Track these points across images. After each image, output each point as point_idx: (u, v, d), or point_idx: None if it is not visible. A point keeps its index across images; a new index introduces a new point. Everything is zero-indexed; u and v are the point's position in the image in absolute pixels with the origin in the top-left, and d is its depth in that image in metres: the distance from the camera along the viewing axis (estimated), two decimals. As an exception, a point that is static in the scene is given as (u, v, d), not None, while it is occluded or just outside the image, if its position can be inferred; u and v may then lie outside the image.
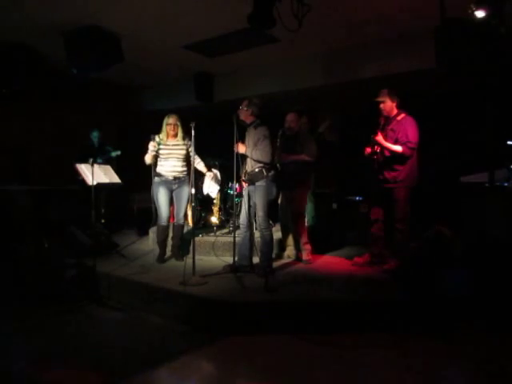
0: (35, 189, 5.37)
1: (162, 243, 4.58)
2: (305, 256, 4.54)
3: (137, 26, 4.69)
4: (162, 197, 4.39)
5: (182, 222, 4.54)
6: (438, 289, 3.44)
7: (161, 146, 4.36)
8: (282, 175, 4.49)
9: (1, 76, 5.09)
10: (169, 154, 4.38)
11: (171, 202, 4.51)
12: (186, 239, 4.86)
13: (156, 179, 4.42)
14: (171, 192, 4.46)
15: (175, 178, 4.41)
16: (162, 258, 4.55)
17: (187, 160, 4.47)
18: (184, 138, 4.44)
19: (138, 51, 5.39)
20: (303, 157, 4.53)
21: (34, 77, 5.30)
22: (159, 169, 4.41)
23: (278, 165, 4.48)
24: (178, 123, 4.41)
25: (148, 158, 4.36)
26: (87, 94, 6.68)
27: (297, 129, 4.64)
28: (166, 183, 4.40)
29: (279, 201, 4.80)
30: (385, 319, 3.25)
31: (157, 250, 4.65)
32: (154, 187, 4.43)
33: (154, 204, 4.47)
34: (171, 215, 4.71)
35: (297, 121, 4.65)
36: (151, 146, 4.30)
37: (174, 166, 4.40)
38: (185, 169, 4.48)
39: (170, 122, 4.38)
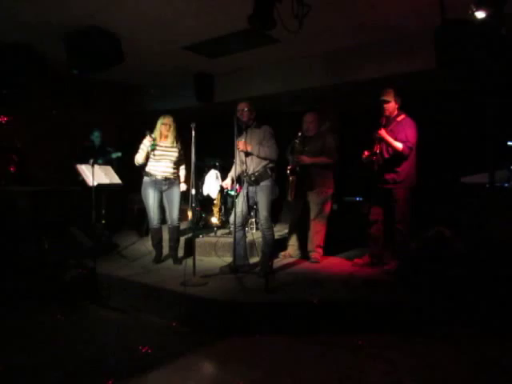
0: (35, 189, 5.36)
1: (157, 245, 4.56)
2: (314, 255, 4.51)
3: (137, 26, 4.69)
4: (150, 199, 4.35)
5: (176, 223, 4.45)
6: (438, 289, 3.44)
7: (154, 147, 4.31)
8: (301, 177, 4.39)
9: (1, 76, 5.09)
10: (162, 156, 4.32)
11: (162, 203, 4.44)
12: (186, 240, 4.86)
13: (145, 179, 4.36)
14: (161, 193, 4.39)
15: (166, 179, 4.35)
16: (158, 259, 4.54)
17: (178, 163, 4.45)
18: (177, 141, 4.39)
19: (138, 52, 5.39)
20: (323, 159, 4.40)
21: (34, 77, 5.29)
22: (149, 168, 4.34)
23: (297, 168, 4.37)
24: (173, 124, 4.35)
25: (141, 157, 4.31)
26: (87, 94, 6.68)
27: (316, 130, 4.55)
28: (156, 183, 4.33)
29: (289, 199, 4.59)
30: (385, 319, 3.26)
31: (157, 251, 4.66)
32: (142, 188, 4.38)
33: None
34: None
35: (316, 121, 4.54)
36: (147, 140, 4.24)
37: (167, 167, 4.35)
38: (175, 171, 4.44)
39: (165, 121, 4.33)
